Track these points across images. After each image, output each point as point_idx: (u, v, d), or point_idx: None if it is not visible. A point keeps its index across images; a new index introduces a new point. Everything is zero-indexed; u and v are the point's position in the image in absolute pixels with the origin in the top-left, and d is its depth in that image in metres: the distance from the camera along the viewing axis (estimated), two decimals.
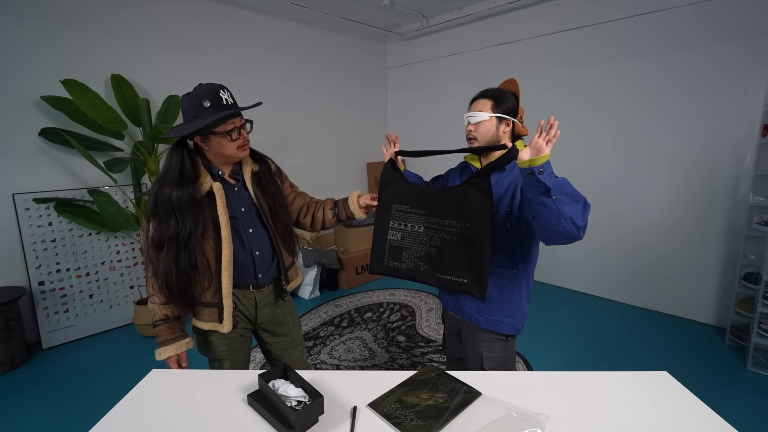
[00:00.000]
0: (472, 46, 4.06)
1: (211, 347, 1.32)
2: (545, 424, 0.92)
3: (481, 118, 1.30)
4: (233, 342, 1.34)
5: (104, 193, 2.64)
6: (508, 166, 1.30)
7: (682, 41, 2.83)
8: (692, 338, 2.74)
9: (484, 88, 1.38)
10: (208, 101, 1.13)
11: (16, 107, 2.56)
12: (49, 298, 2.70)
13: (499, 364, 1.39)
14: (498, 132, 1.32)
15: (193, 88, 1.16)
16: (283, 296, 1.43)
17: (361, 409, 1.00)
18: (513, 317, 1.37)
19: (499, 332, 1.37)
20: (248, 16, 3.62)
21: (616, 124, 3.22)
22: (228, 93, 1.18)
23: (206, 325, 1.26)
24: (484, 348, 1.38)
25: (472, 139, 1.34)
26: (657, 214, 3.09)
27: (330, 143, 4.44)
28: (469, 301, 1.39)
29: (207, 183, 1.19)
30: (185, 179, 1.15)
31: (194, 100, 1.13)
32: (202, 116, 1.13)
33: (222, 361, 1.33)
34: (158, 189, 1.16)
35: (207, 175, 1.20)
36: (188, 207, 1.14)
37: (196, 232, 1.16)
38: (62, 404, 2.10)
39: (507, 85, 1.41)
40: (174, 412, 1.00)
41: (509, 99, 1.32)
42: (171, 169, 1.16)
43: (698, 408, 0.99)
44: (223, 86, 1.17)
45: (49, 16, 2.62)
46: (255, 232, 1.29)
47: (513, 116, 1.32)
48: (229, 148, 1.19)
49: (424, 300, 3.43)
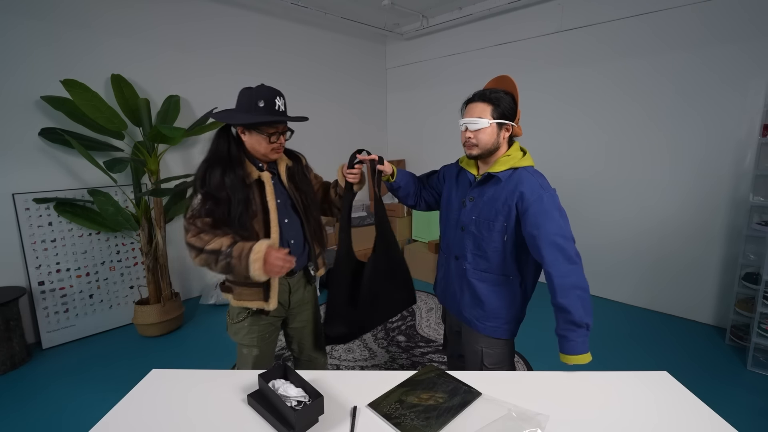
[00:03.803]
0: (472, 46, 4.06)
1: (244, 332, 1.40)
2: (545, 424, 0.92)
3: (482, 125, 1.26)
4: (264, 330, 1.41)
5: (104, 193, 2.64)
6: (504, 178, 1.29)
7: (682, 41, 2.83)
8: (692, 338, 2.74)
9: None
10: (263, 102, 1.24)
11: (16, 107, 2.55)
12: (49, 298, 2.69)
13: (498, 360, 1.40)
14: (498, 138, 1.29)
15: (256, 86, 1.27)
16: (311, 281, 1.54)
17: (361, 409, 1.00)
18: (510, 323, 1.38)
19: (497, 337, 1.38)
20: (248, 16, 3.62)
21: (616, 124, 3.21)
22: (283, 101, 1.29)
23: (252, 303, 1.34)
24: (484, 344, 1.39)
25: (472, 146, 1.30)
26: (657, 214, 3.09)
27: (330, 143, 4.44)
28: (468, 308, 1.40)
29: (255, 172, 1.31)
30: (232, 161, 1.27)
31: (252, 97, 1.24)
32: (252, 112, 1.24)
33: (252, 347, 1.40)
34: (207, 167, 1.26)
35: (252, 168, 1.31)
36: (240, 189, 1.25)
37: (247, 212, 1.27)
38: (62, 404, 2.09)
39: (501, 83, 1.35)
40: (174, 412, 1.00)
41: (506, 101, 1.28)
42: (219, 151, 1.28)
43: (698, 408, 0.99)
44: (281, 94, 1.29)
45: (50, 15, 2.62)
46: (290, 222, 1.39)
47: (512, 119, 1.29)
48: (265, 147, 1.29)
49: (424, 300, 3.43)
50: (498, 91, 1.29)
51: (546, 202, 1.21)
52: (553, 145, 3.56)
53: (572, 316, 1.16)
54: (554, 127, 3.56)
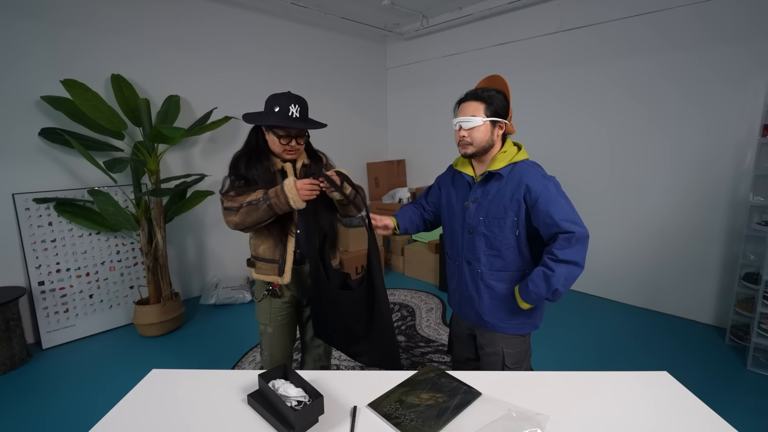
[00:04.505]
0: (472, 46, 4.06)
1: (261, 311, 1.59)
2: (545, 424, 0.92)
3: (475, 123, 1.27)
4: (276, 312, 1.58)
5: (104, 193, 2.64)
6: (505, 173, 1.30)
7: (682, 41, 2.83)
8: (692, 338, 2.74)
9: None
10: (279, 107, 1.38)
11: (16, 107, 2.55)
12: (49, 298, 2.69)
13: (519, 359, 1.41)
14: (492, 136, 1.31)
15: (284, 94, 1.43)
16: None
17: (361, 409, 1.00)
18: (533, 317, 1.39)
19: (521, 334, 1.40)
20: (249, 16, 3.62)
21: (616, 124, 3.22)
22: (298, 108, 1.41)
23: (268, 277, 1.51)
24: (505, 345, 1.39)
25: (467, 144, 1.31)
26: (657, 214, 3.09)
27: (330, 143, 4.41)
28: (489, 311, 1.39)
29: (279, 163, 1.49)
30: (261, 152, 1.47)
31: (272, 103, 1.40)
32: (270, 116, 1.40)
33: (266, 325, 1.59)
34: (240, 156, 1.48)
35: (277, 160, 1.49)
36: (264, 175, 1.44)
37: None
38: (62, 404, 2.09)
39: (492, 82, 1.36)
40: (174, 412, 1.00)
41: (499, 99, 1.29)
42: (250, 143, 1.49)
43: (698, 408, 0.99)
44: (299, 102, 1.42)
45: (50, 15, 2.62)
46: (300, 214, 1.51)
47: (504, 117, 1.30)
48: (277, 147, 1.45)
49: (424, 300, 3.43)
50: (490, 89, 1.31)
51: (551, 191, 1.25)
52: (552, 145, 3.56)
53: (552, 278, 1.21)
54: (554, 127, 3.57)
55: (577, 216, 1.26)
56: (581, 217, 1.27)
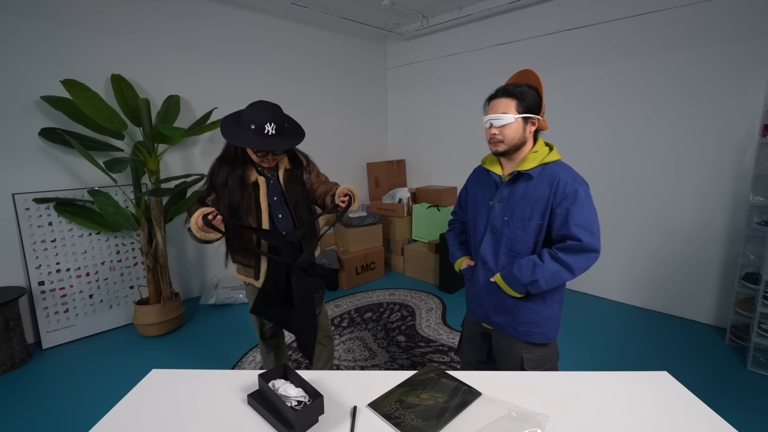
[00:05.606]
0: (472, 46, 4.06)
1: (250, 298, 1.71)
2: (545, 424, 0.92)
3: (507, 120, 1.24)
4: None
5: (104, 193, 2.64)
6: (535, 174, 1.27)
7: (683, 41, 2.83)
8: (692, 338, 2.74)
9: (494, 87, 1.33)
10: (254, 125, 1.39)
11: (16, 107, 2.55)
12: (49, 298, 2.69)
13: (539, 363, 1.36)
14: (525, 133, 1.27)
15: (256, 106, 1.43)
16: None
17: (361, 409, 1.00)
18: (542, 326, 1.33)
19: (538, 342, 1.35)
20: (249, 16, 3.62)
21: (616, 125, 3.21)
22: (274, 126, 1.40)
23: (246, 279, 1.65)
24: (523, 350, 1.35)
25: (498, 142, 1.27)
26: (657, 214, 3.09)
27: (330, 143, 4.44)
28: (495, 313, 1.37)
29: (253, 176, 1.53)
30: (237, 162, 1.51)
31: (247, 117, 1.41)
32: (242, 130, 1.41)
33: (252, 314, 1.66)
34: (217, 164, 1.53)
35: (253, 169, 1.54)
36: (238, 186, 1.50)
37: (243, 205, 1.50)
38: (62, 404, 2.09)
39: (524, 77, 1.33)
40: (174, 412, 1.00)
41: (531, 95, 1.25)
42: (228, 153, 1.52)
43: (698, 408, 0.99)
44: (274, 118, 1.40)
45: (50, 15, 2.62)
46: (283, 217, 1.61)
47: (537, 113, 1.27)
48: (255, 158, 1.50)
49: (424, 300, 3.43)
50: (521, 85, 1.27)
51: (580, 196, 1.22)
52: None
53: (538, 269, 1.22)
54: (553, 127, 3.55)
55: (596, 228, 1.23)
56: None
